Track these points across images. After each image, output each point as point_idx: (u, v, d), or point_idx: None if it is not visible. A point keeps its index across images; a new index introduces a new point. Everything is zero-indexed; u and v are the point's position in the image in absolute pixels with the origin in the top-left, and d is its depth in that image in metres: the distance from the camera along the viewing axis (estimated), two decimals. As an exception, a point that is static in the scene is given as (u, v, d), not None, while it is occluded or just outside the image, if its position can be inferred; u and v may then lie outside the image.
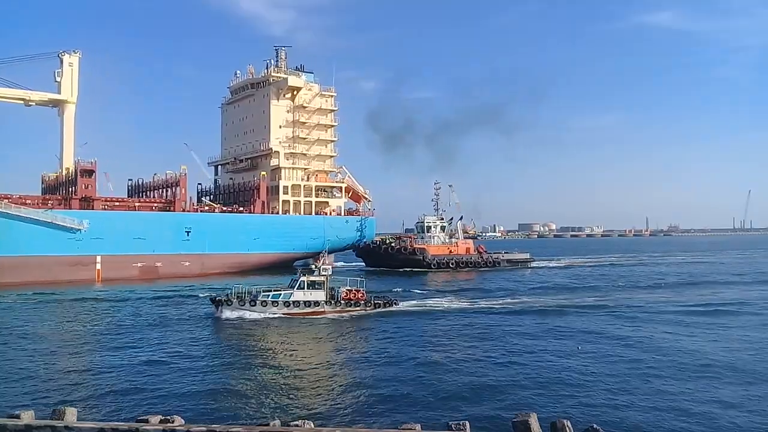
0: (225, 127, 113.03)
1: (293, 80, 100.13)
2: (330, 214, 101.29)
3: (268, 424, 14.02)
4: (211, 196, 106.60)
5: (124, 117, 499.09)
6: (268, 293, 43.47)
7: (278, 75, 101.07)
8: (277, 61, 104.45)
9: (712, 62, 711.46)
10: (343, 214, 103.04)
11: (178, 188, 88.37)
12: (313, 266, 45.01)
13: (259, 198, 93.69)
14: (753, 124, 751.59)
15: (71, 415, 13.99)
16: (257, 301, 42.80)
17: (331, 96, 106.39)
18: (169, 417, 14.19)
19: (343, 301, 44.33)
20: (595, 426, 13.70)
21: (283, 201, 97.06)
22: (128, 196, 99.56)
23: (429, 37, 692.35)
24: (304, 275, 43.98)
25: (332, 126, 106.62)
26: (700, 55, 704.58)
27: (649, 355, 30.05)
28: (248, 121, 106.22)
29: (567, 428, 13.52)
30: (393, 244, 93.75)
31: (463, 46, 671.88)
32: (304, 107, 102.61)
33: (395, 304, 46.81)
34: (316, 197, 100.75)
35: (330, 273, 44.71)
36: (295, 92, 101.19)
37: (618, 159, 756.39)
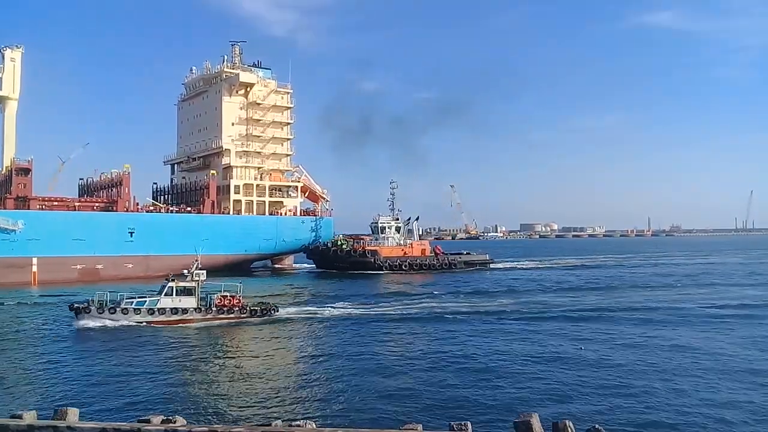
0: (181, 125, 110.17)
1: (245, 76, 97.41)
2: (285, 214, 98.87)
3: (269, 425, 14.05)
4: (169, 196, 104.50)
5: (124, 117, 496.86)
6: (132, 300, 40.83)
7: (231, 71, 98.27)
8: (231, 56, 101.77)
9: (713, 62, 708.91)
10: (299, 214, 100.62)
11: (121, 187, 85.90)
12: (185, 271, 42.45)
13: (208, 198, 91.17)
14: (755, 124, 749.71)
15: (73, 415, 13.91)
16: (118, 309, 40.09)
17: (287, 93, 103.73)
18: (170, 417, 14.08)
19: (215, 308, 41.78)
20: (596, 426, 13.53)
21: (234, 201, 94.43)
22: (79, 196, 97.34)
23: (431, 38, 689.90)
24: (173, 280, 41.36)
25: (288, 123, 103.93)
26: (701, 55, 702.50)
27: (647, 357, 30.22)
28: (202, 119, 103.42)
29: (569, 429, 13.37)
30: (344, 246, 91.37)
31: (463, 47, 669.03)
32: (258, 104, 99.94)
33: (274, 311, 44.23)
34: (271, 197, 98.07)
35: (203, 278, 41.89)
36: (248, 88, 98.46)
37: (620, 159, 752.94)
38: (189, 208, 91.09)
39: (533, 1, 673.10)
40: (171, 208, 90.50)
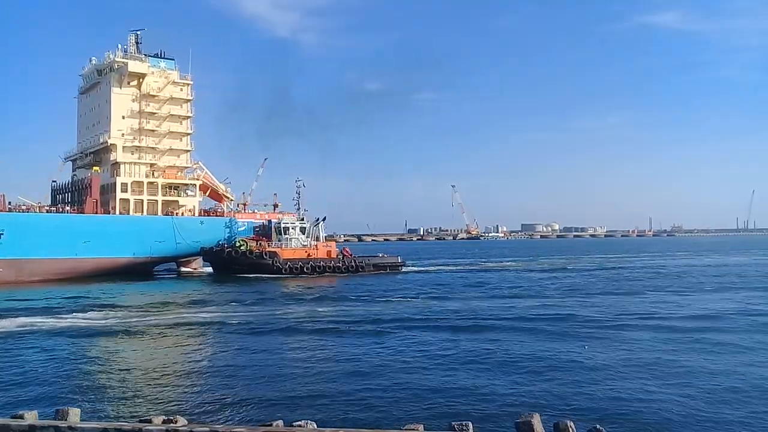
0: (79, 119, 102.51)
1: (134, 65, 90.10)
2: (183, 214, 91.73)
3: (271, 425, 13.69)
4: (69, 194, 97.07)
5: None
6: None
7: (121, 60, 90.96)
8: (127, 45, 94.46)
9: (717, 63, 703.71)
10: (197, 214, 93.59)
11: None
12: None
13: (90, 196, 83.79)
14: (757, 124, 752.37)
15: (74, 415, 13.53)
16: None
17: (187, 84, 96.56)
18: (171, 417, 13.56)
19: None
20: (598, 426, 13.35)
21: (121, 200, 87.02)
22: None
23: (431, 38, 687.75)
24: None
25: (188, 117, 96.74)
26: (705, 55, 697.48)
27: (650, 357, 28.83)
28: (95, 112, 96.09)
29: (570, 429, 13.13)
30: (241, 247, 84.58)
31: (462, 48, 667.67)
32: (153, 96, 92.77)
33: None
34: (165, 195, 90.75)
35: None
36: (140, 79, 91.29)
37: (621, 159, 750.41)
38: (68, 208, 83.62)
39: (536, 2, 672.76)
40: (45, 208, 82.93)
